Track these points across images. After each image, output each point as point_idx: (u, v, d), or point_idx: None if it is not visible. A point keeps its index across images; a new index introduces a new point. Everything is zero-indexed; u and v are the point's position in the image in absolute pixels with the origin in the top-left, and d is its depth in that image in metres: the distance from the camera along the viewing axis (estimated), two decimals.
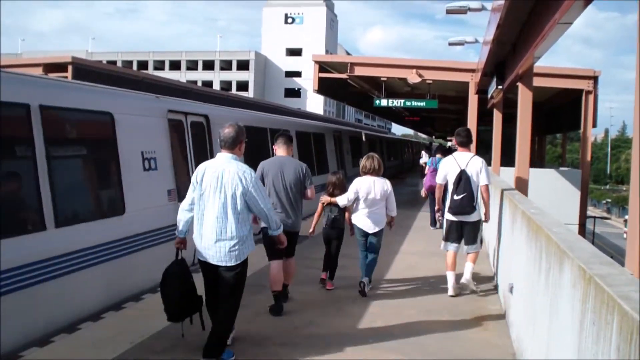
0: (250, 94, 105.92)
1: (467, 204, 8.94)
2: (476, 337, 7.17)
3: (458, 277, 9.17)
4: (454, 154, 9.57)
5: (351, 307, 8.31)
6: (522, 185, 11.99)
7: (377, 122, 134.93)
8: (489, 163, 13.78)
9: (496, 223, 10.11)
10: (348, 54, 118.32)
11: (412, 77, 21.70)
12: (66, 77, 18.38)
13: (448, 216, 9.29)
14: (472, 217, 9.09)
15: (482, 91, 19.57)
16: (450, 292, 9.07)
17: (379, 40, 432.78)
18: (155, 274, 6.70)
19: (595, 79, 20.72)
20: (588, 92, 20.61)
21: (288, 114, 30.81)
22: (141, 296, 8.60)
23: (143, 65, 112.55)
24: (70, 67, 19.19)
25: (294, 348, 6.62)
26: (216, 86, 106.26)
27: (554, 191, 20.11)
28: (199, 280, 6.33)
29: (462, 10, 16.34)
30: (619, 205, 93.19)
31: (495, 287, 9.49)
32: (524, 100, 12.15)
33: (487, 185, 9.05)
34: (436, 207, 10.01)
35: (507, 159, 17.59)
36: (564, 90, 22.67)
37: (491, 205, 9.47)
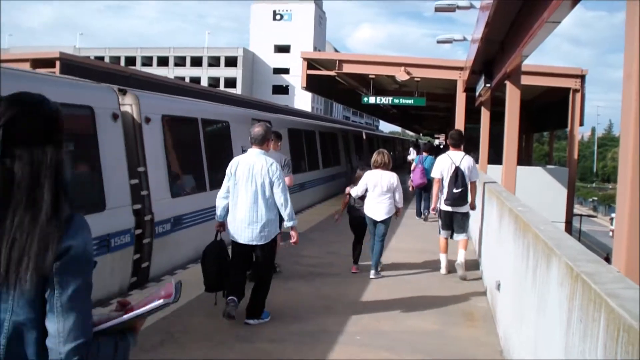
0: (238, 90, 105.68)
1: (463, 197, 10.20)
2: (464, 335, 7.21)
3: (450, 262, 10.33)
4: (448, 152, 10.69)
5: (339, 304, 8.33)
6: (509, 183, 12.04)
7: (365, 120, 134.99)
8: (476, 161, 13.88)
9: (483, 221, 10.17)
10: (336, 51, 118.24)
11: (401, 75, 21.73)
12: (54, 72, 18.31)
13: (443, 207, 10.40)
14: (463, 209, 10.35)
15: (470, 89, 19.60)
16: (443, 271, 10.37)
17: (368, 37, 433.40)
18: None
19: (582, 77, 20.83)
20: (575, 91, 20.71)
21: (308, 116, 33.40)
22: (129, 292, 8.58)
23: (131, 61, 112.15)
24: (57, 63, 19.13)
25: (283, 345, 6.63)
26: (204, 82, 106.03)
27: (541, 189, 20.21)
28: None
29: (451, 9, 16.38)
30: (605, 204, 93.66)
31: (483, 285, 9.53)
32: (512, 99, 12.18)
33: (475, 181, 10.41)
34: (433, 200, 10.94)
35: (495, 157, 17.67)
36: (551, 88, 22.75)
37: (479, 205, 10.40)
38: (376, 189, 9.90)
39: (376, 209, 9.97)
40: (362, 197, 10.17)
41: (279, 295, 8.63)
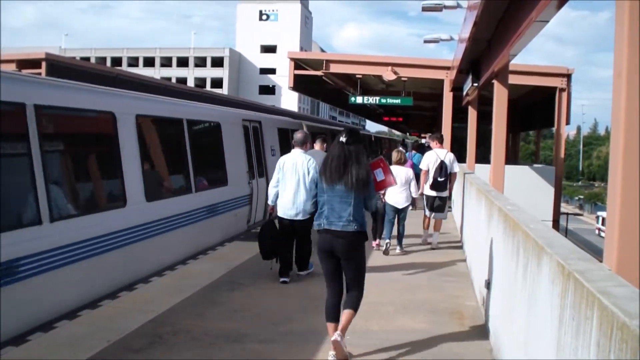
0: (224, 90, 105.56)
1: (444, 184, 12.84)
2: (453, 334, 7.21)
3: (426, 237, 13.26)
4: (434, 149, 13.28)
5: None
6: (497, 182, 12.08)
7: (352, 119, 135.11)
8: (463, 160, 16.34)
9: (467, 217, 10.20)
10: (323, 51, 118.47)
11: (388, 75, 21.78)
12: (40, 73, 18.20)
13: (428, 192, 13.00)
14: (444, 194, 12.98)
15: (457, 88, 19.68)
16: (422, 241, 13.26)
17: (353, 37, 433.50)
18: None
19: (568, 76, 20.96)
20: (562, 90, 20.83)
21: (295, 116, 33.97)
22: (117, 294, 8.54)
23: (117, 61, 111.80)
24: (44, 64, 19.01)
25: (273, 345, 6.61)
26: (190, 83, 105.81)
27: (529, 188, 20.28)
28: None
29: (438, 8, 16.40)
30: (591, 202, 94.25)
31: (472, 283, 9.54)
32: (500, 98, 12.23)
33: (456, 172, 13.12)
34: (421, 185, 13.10)
35: (482, 156, 17.72)
36: (538, 87, 22.86)
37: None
38: (397, 182, 10.42)
39: (398, 198, 11.91)
40: None
41: (268, 296, 8.63)
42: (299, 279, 9.69)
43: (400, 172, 11.71)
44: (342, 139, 6.39)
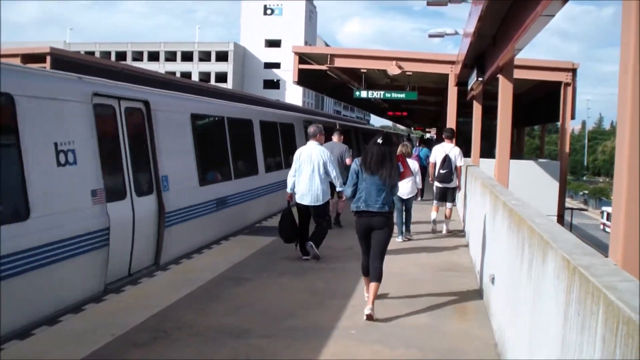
0: (229, 85, 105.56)
1: (448, 176, 14.00)
2: (458, 328, 7.20)
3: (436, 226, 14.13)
4: (442, 144, 14.49)
5: (332, 299, 8.30)
6: (502, 177, 12.05)
7: (356, 114, 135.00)
8: (468, 154, 16.68)
9: (479, 215, 10.18)
10: (327, 45, 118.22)
11: (392, 69, 21.74)
12: (45, 67, 18.19)
13: (436, 184, 14.28)
14: (451, 185, 14.13)
15: (461, 83, 19.63)
16: (431, 230, 14.07)
17: (357, 32, 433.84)
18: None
19: (574, 71, 20.85)
20: (567, 85, 20.74)
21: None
22: (122, 288, 8.54)
23: (121, 56, 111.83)
24: (48, 58, 19.01)
25: (275, 340, 6.60)
26: (195, 77, 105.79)
27: (533, 183, 20.24)
28: None
29: (443, 2, 16.34)
30: (596, 197, 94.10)
31: (476, 278, 9.53)
32: (505, 92, 12.20)
33: (460, 166, 14.17)
34: (429, 178, 14.81)
35: (486, 151, 17.69)
36: (542, 82, 22.78)
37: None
38: None
39: (403, 189, 12.23)
40: None
41: (272, 292, 8.62)
42: (303, 274, 9.67)
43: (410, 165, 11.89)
44: (379, 141, 8.04)
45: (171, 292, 8.28)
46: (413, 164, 12.81)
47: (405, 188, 12.48)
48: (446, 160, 13.83)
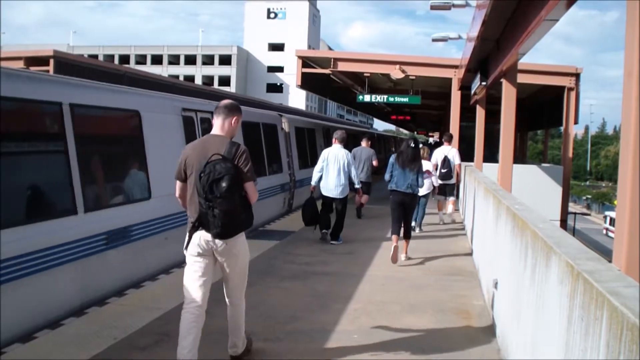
0: (232, 89, 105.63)
1: (449, 174, 15.91)
2: (461, 333, 7.19)
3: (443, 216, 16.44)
4: (442, 146, 16.59)
5: (334, 302, 8.30)
6: (505, 181, 12.05)
7: (359, 118, 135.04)
8: (471, 159, 18.04)
9: (482, 220, 10.18)
10: (330, 49, 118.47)
11: (395, 73, 21.74)
12: (48, 70, 18.24)
13: (438, 181, 15.75)
14: (450, 181, 16.06)
15: (465, 87, 19.64)
16: (439, 221, 16.29)
17: (361, 36, 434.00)
18: None
19: (577, 75, 20.86)
20: (570, 89, 20.74)
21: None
22: (124, 292, 8.54)
23: (125, 59, 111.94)
24: (52, 61, 19.06)
25: (278, 343, 6.60)
26: (198, 81, 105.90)
27: (537, 187, 20.22)
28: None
29: (446, 7, 16.34)
30: (599, 202, 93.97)
31: (479, 283, 9.52)
32: (508, 97, 12.19)
33: (459, 164, 16.30)
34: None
35: (489, 155, 17.70)
36: (546, 87, 22.78)
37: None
38: None
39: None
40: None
41: (274, 294, 8.62)
42: (306, 277, 9.67)
43: (423, 165, 13.83)
44: (412, 144, 11.37)
45: (174, 295, 8.24)
46: (428, 165, 14.52)
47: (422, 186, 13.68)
48: (446, 160, 15.89)
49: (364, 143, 17.04)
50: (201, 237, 5.57)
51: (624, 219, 3.91)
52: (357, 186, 13.10)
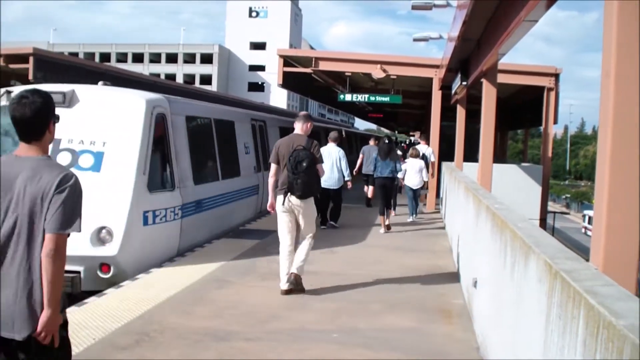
0: (214, 87, 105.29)
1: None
2: (440, 331, 7.23)
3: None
4: (418, 146, 19.59)
5: (315, 301, 8.32)
6: (485, 181, 12.10)
7: (341, 117, 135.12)
8: (451, 158, 18.46)
9: (462, 219, 10.22)
10: (312, 48, 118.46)
11: (377, 73, 21.74)
12: (27, 68, 18.12)
13: (429, 177, 18.22)
14: (426, 177, 17.49)
15: (446, 87, 19.68)
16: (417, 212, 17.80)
17: (343, 35, 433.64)
18: None
19: (556, 76, 20.94)
20: (550, 89, 20.82)
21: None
22: (103, 291, 8.49)
23: (105, 57, 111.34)
24: (31, 59, 18.92)
25: (259, 343, 6.60)
26: (179, 79, 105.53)
27: (516, 186, 20.33)
28: None
29: (428, 7, 16.38)
30: (578, 201, 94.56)
31: (460, 282, 9.56)
32: (488, 97, 12.25)
33: (433, 161, 19.31)
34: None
35: (470, 154, 17.76)
36: (526, 87, 22.86)
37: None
38: (412, 169, 16.67)
39: (414, 181, 16.72)
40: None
41: (255, 294, 8.61)
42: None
43: (415, 163, 16.78)
44: (386, 141, 15.79)
45: (154, 295, 8.24)
46: (420, 163, 16.89)
47: (415, 180, 16.69)
48: (423, 157, 18.00)
49: (371, 142, 20.51)
50: (288, 198, 8.53)
51: (601, 218, 3.95)
52: (347, 179, 14.81)
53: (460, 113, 17.87)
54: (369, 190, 16.00)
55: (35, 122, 3.63)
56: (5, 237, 3.51)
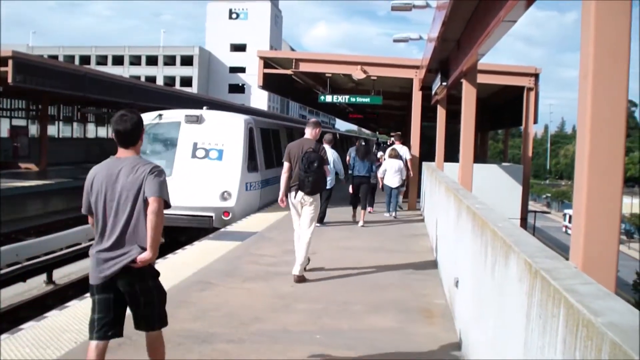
0: (194, 89, 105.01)
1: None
2: (422, 331, 7.25)
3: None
4: (395, 145, 19.47)
5: (298, 303, 8.32)
6: (466, 181, 12.13)
7: (321, 118, 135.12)
8: (432, 158, 18.55)
9: (443, 219, 10.26)
10: (292, 50, 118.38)
11: (357, 74, 21.75)
12: (7, 71, 17.97)
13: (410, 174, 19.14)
14: (403, 175, 18.11)
15: (426, 87, 19.74)
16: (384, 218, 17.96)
17: (323, 36, 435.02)
18: None
19: (536, 76, 21.06)
20: (529, 89, 20.93)
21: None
22: (84, 295, 8.43)
23: (85, 60, 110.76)
24: (10, 62, 18.77)
25: (241, 345, 6.59)
26: (160, 81, 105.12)
27: (497, 186, 20.39)
28: None
29: (407, 8, 16.44)
30: (559, 200, 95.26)
31: (441, 282, 9.60)
32: (468, 97, 12.27)
33: (409, 159, 19.20)
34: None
35: (450, 155, 17.82)
36: (506, 87, 22.97)
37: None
38: (392, 169, 17.46)
39: (393, 180, 17.46)
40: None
41: (237, 296, 8.60)
42: (270, 278, 9.68)
43: (395, 163, 17.53)
44: (363, 143, 17.24)
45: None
46: (399, 163, 17.67)
47: (394, 180, 17.42)
48: (398, 156, 18.65)
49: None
50: (298, 194, 9.64)
51: (580, 217, 3.97)
52: (341, 177, 16.21)
53: (441, 113, 17.92)
54: (350, 187, 16.81)
55: (134, 133, 4.97)
56: (117, 203, 4.84)
